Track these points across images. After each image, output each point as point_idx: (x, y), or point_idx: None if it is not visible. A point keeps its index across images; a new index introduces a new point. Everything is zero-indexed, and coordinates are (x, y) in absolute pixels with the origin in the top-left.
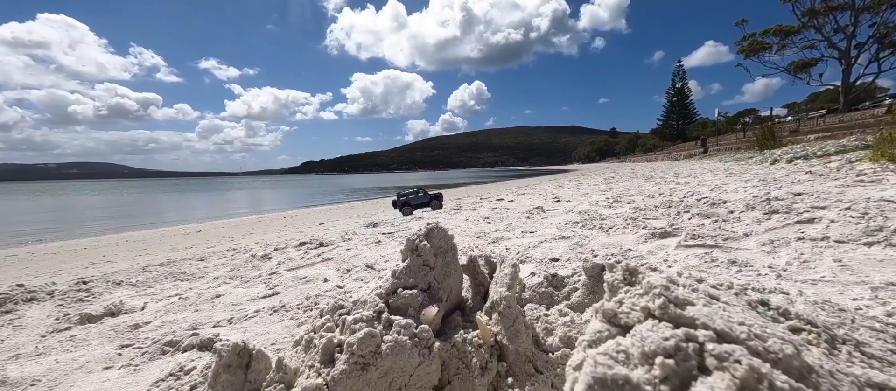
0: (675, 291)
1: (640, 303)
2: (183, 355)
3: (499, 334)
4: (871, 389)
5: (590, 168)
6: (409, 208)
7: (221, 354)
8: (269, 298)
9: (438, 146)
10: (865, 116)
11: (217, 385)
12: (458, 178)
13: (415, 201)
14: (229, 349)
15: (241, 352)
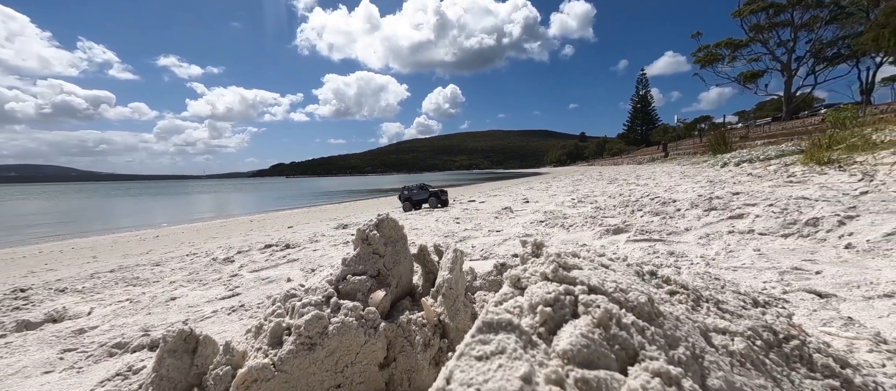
0: (565, 259)
1: (538, 270)
2: (132, 356)
3: (442, 314)
4: (707, 334)
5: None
6: (409, 203)
7: (166, 339)
8: (228, 300)
9: (413, 149)
10: (805, 124)
11: (162, 368)
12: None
13: (416, 196)
14: (175, 334)
15: (187, 338)
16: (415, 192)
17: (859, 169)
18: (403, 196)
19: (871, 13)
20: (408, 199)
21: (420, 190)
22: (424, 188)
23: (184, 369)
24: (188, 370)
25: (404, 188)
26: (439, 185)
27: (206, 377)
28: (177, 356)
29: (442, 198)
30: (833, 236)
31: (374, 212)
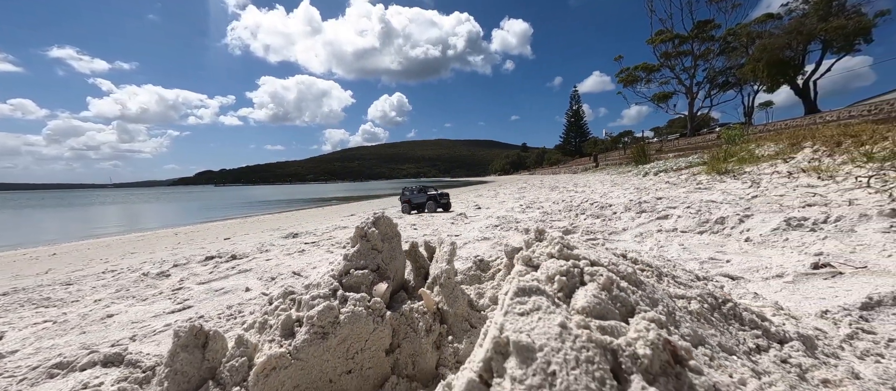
0: (566, 240)
1: (545, 251)
2: (82, 374)
3: (440, 302)
4: (672, 299)
5: (505, 179)
6: (408, 206)
7: (179, 335)
8: (179, 312)
9: (358, 156)
10: (705, 140)
11: (175, 363)
12: (379, 189)
13: (415, 199)
14: (186, 330)
15: (197, 333)
16: (414, 195)
17: (749, 177)
18: (404, 198)
19: (749, 49)
20: (407, 202)
21: (419, 192)
22: (424, 191)
23: (196, 363)
24: (200, 364)
25: (405, 189)
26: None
27: (221, 370)
28: (189, 351)
29: (441, 202)
30: (736, 232)
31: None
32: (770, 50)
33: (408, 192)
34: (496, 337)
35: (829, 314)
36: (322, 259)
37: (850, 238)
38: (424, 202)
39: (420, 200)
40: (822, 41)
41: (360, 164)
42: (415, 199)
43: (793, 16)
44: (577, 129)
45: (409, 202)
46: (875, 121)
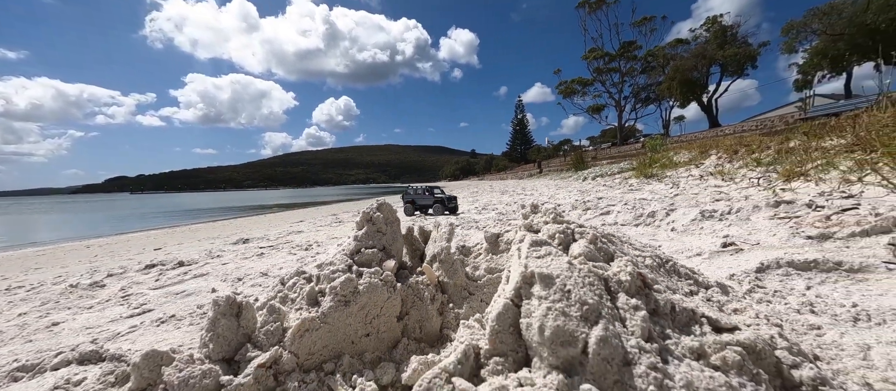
0: (558, 210)
1: (542, 219)
2: (56, 373)
3: (440, 275)
4: (634, 255)
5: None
6: (412, 207)
7: (218, 304)
8: (141, 315)
9: (303, 161)
10: (632, 149)
11: (217, 329)
12: (326, 195)
13: (420, 201)
14: (224, 300)
15: (233, 304)
16: (420, 196)
17: (670, 180)
18: (407, 198)
19: (665, 69)
20: (411, 202)
21: (426, 194)
22: (430, 192)
23: (233, 329)
24: (237, 330)
25: (409, 188)
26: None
27: (256, 334)
28: (227, 318)
29: (449, 206)
30: (664, 223)
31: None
32: (681, 71)
33: (412, 193)
34: (523, 272)
35: (735, 276)
36: (285, 260)
37: (747, 224)
38: (430, 204)
39: (426, 202)
40: (720, 65)
41: (305, 169)
42: (419, 201)
43: (698, 42)
44: (522, 136)
45: (412, 203)
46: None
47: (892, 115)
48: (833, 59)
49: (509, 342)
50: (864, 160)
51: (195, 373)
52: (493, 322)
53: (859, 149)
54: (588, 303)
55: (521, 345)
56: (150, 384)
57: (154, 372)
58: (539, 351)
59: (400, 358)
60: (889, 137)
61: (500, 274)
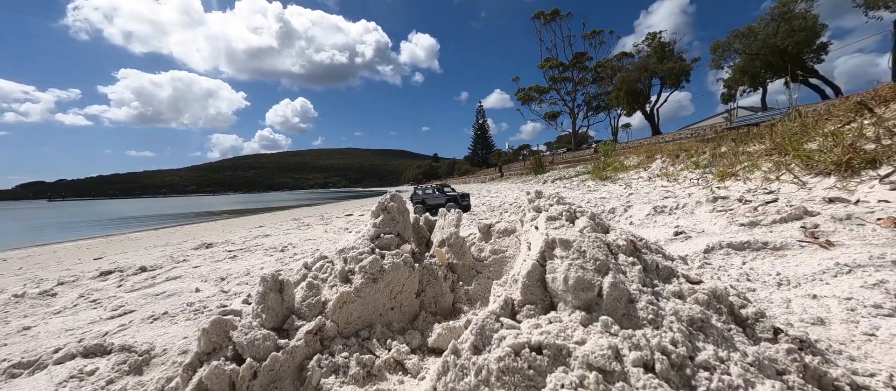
0: (560, 195)
1: (548, 202)
2: (63, 366)
3: (450, 257)
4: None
5: None
6: (422, 207)
7: (266, 280)
8: (122, 316)
9: (255, 165)
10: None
11: (267, 301)
12: (282, 200)
13: (431, 200)
14: (270, 277)
15: (277, 281)
16: (430, 195)
17: (623, 181)
18: (416, 199)
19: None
20: (421, 202)
21: (437, 192)
22: (441, 191)
23: (279, 302)
24: (281, 304)
25: (418, 188)
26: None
27: (299, 307)
28: (274, 293)
29: (462, 203)
30: (623, 218)
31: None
32: (627, 82)
33: (422, 193)
34: (545, 239)
35: (688, 256)
36: (263, 261)
37: (693, 217)
38: (443, 203)
39: (437, 201)
40: (660, 78)
41: (258, 173)
42: (430, 201)
43: (641, 56)
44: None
45: (423, 203)
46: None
47: (800, 125)
48: (751, 75)
49: (537, 293)
50: (781, 162)
51: (259, 336)
52: (524, 278)
53: (776, 152)
54: (599, 259)
55: (546, 296)
56: (215, 348)
57: (220, 336)
58: (564, 296)
59: (421, 328)
60: (798, 143)
61: (504, 254)
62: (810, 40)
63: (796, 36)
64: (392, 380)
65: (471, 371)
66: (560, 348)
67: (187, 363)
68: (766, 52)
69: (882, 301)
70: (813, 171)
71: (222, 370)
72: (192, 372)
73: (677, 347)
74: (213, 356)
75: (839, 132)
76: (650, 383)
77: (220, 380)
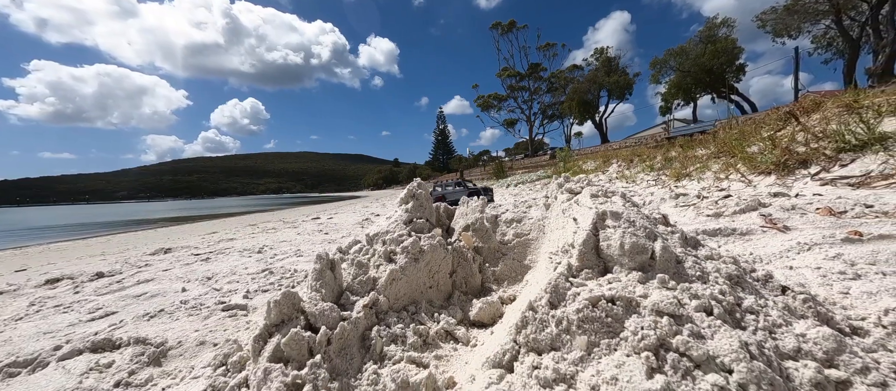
0: (589, 177)
1: (579, 184)
2: (72, 361)
3: (475, 241)
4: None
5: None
6: (441, 202)
7: (321, 258)
8: (107, 318)
9: (199, 169)
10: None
11: (324, 278)
12: (230, 206)
13: (451, 196)
14: (324, 256)
15: (329, 260)
16: (449, 191)
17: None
18: (436, 195)
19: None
20: (441, 199)
21: (457, 187)
22: (462, 185)
23: (332, 279)
24: (335, 281)
25: (437, 184)
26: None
27: (351, 284)
28: (328, 270)
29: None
30: None
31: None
32: (578, 93)
33: (441, 189)
34: (596, 211)
35: None
36: (243, 262)
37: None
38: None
39: (458, 196)
40: (607, 90)
41: (201, 177)
42: (451, 196)
43: (590, 69)
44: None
45: (443, 198)
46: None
47: (739, 132)
48: (684, 90)
49: (592, 259)
50: (729, 163)
51: (327, 308)
52: (581, 246)
53: (723, 155)
54: (647, 227)
55: (600, 262)
56: (283, 319)
57: (290, 308)
58: (620, 260)
59: (458, 304)
60: (742, 147)
61: (527, 237)
62: (731, 61)
63: (720, 57)
64: (446, 348)
65: (551, 323)
66: (630, 300)
67: (256, 334)
68: (696, 70)
69: (845, 269)
70: (756, 170)
71: (301, 337)
72: (263, 342)
73: (726, 296)
74: (284, 326)
75: (774, 137)
76: (713, 324)
77: (299, 346)
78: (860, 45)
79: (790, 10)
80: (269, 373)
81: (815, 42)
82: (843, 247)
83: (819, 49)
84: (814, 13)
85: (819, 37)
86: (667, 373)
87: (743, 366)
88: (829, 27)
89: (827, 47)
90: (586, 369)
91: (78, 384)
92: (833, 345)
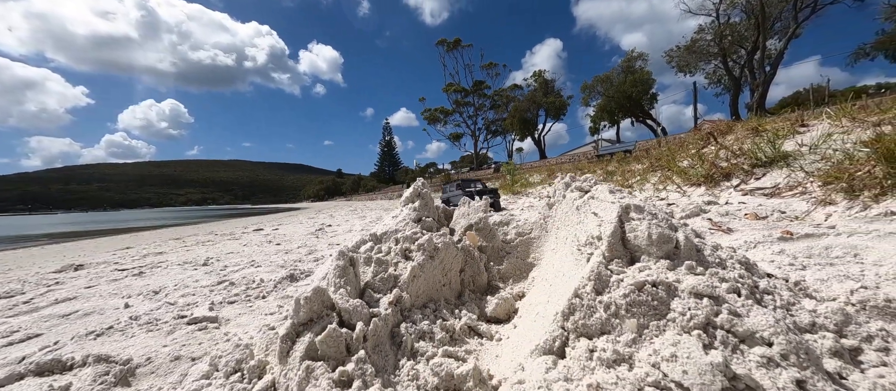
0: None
1: (587, 183)
2: (17, 386)
3: (479, 240)
4: None
5: (322, 205)
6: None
7: (344, 255)
8: (31, 341)
9: (101, 177)
10: (488, 173)
11: (347, 276)
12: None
13: (454, 199)
14: (346, 253)
15: (350, 258)
16: (454, 194)
17: (535, 195)
18: (443, 197)
19: (508, 107)
20: (447, 202)
21: (458, 189)
22: (469, 185)
23: (355, 277)
24: (357, 278)
25: (446, 187)
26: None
27: (372, 281)
28: (349, 268)
29: (494, 199)
30: None
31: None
32: (519, 111)
33: (448, 192)
34: (620, 205)
35: None
36: (188, 275)
37: None
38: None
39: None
40: (544, 109)
41: (103, 187)
42: (455, 201)
43: (529, 89)
44: (390, 158)
45: (447, 202)
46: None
47: (669, 149)
48: (609, 113)
49: (619, 249)
50: (666, 176)
51: (358, 304)
52: (609, 237)
53: (658, 169)
54: (669, 220)
55: (626, 252)
56: (312, 318)
57: (321, 305)
58: (647, 249)
59: (470, 302)
60: (674, 162)
61: (529, 236)
62: (646, 90)
63: (637, 86)
64: (472, 342)
65: (599, 308)
66: (669, 284)
67: (284, 334)
68: (618, 96)
69: (792, 261)
70: (688, 182)
71: (339, 334)
72: (291, 342)
73: (746, 279)
74: (313, 325)
75: (701, 154)
76: (745, 303)
77: (336, 343)
78: (741, 82)
79: (690, 49)
80: (312, 371)
81: (708, 78)
82: (782, 244)
83: (711, 84)
84: (707, 54)
85: (711, 74)
86: (718, 348)
87: (781, 339)
88: (717, 66)
89: (717, 83)
90: (641, 349)
91: None
92: (841, 318)
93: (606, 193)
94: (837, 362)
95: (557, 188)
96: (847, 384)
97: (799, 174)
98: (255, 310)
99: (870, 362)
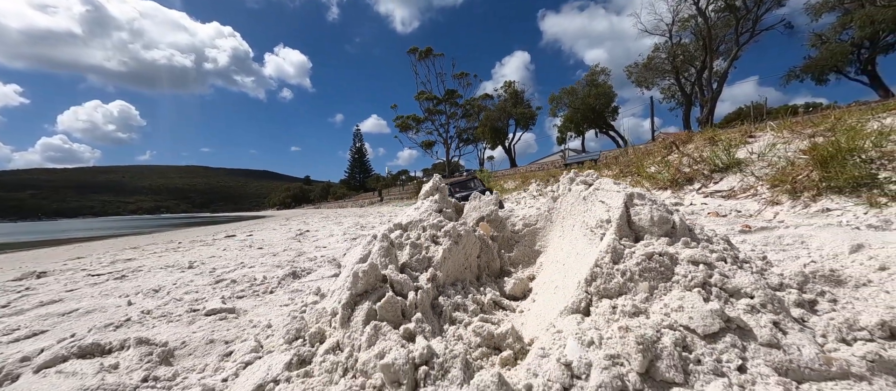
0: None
1: (590, 177)
2: (63, 366)
3: (491, 230)
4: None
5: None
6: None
7: (387, 237)
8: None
9: (34, 184)
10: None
11: (390, 255)
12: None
13: (458, 194)
14: (387, 235)
15: (390, 238)
16: (457, 189)
17: (513, 200)
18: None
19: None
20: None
21: (462, 188)
22: (471, 182)
23: (395, 257)
24: (396, 257)
25: (452, 185)
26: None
27: (409, 262)
28: (392, 248)
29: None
30: None
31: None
32: (490, 120)
33: (452, 187)
34: (627, 193)
35: None
36: (178, 277)
37: None
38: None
39: (463, 194)
40: (515, 119)
41: (37, 194)
42: (457, 195)
43: (500, 99)
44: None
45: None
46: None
47: (636, 157)
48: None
49: (627, 230)
50: (636, 180)
51: (404, 277)
52: (618, 220)
53: (628, 174)
54: (665, 205)
55: (632, 232)
56: (367, 289)
57: (375, 279)
58: (650, 229)
59: (489, 283)
60: (643, 168)
61: (535, 226)
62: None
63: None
64: (498, 314)
65: (617, 275)
66: (672, 255)
67: (345, 302)
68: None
69: (752, 248)
70: (656, 186)
71: (396, 300)
72: (351, 309)
73: (729, 251)
74: (368, 295)
75: (666, 160)
76: (731, 268)
77: (394, 308)
78: (693, 98)
79: (647, 66)
80: (379, 329)
81: (663, 93)
82: (744, 235)
83: (666, 99)
84: (662, 71)
85: (666, 90)
86: (714, 300)
87: (760, 293)
88: (672, 83)
89: (671, 98)
90: (654, 304)
91: (100, 382)
92: (802, 279)
93: (611, 184)
94: (800, 310)
95: (562, 183)
96: (808, 324)
97: (750, 178)
98: (267, 302)
99: (823, 310)
